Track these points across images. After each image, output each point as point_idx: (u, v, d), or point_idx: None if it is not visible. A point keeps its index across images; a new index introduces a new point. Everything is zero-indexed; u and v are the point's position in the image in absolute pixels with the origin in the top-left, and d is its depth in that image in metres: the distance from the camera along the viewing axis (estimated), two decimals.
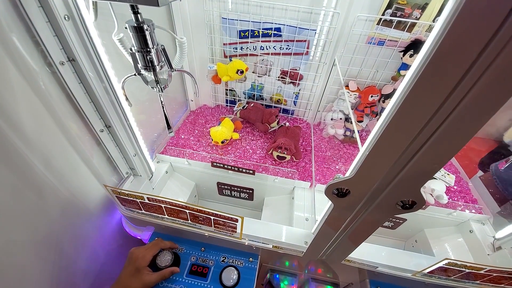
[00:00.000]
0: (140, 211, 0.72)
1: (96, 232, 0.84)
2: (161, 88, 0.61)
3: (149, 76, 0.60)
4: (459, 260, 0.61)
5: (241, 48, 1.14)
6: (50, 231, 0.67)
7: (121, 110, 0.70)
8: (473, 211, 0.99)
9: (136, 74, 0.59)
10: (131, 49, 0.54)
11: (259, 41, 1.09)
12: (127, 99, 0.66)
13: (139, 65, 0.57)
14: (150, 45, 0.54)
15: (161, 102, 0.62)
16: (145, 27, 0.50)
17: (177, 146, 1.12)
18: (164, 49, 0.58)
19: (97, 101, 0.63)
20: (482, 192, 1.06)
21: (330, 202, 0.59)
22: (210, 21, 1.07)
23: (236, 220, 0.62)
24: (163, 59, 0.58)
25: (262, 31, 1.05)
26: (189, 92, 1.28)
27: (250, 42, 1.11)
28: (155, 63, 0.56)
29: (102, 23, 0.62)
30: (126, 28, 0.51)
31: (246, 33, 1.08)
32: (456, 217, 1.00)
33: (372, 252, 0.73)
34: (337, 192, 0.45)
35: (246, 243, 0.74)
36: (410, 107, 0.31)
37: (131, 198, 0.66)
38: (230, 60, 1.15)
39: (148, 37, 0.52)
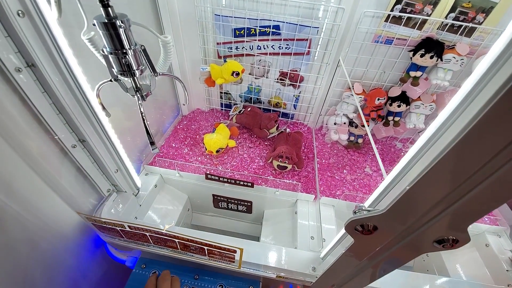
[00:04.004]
0: (121, 239, 0.62)
1: (75, 260, 0.74)
2: (142, 96, 0.51)
3: (128, 82, 0.51)
4: None
5: (237, 48, 1.04)
6: (16, 267, 0.57)
7: (97, 121, 0.60)
8: (488, 222, 0.92)
9: (112, 80, 0.50)
10: (103, 51, 0.45)
11: (256, 40, 1.00)
12: (104, 108, 0.56)
13: (115, 70, 0.47)
14: (126, 46, 0.44)
15: (141, 114, 0.52)
16: (118, 23, 0.40)
17: (168, 156, 1.02)
18: (145, 50, 0.48)
19: (66, 113, 0.53)
20: None
21: (342, 233, 0.51)
22: (201, 18, 0.97)
23: (234, 251, 0.53)
24: (143, 62, 0.48)
25: (259, 29, 0.96)
26: (180, 95, 1.18)
27: (246, 41, 1.01)
28: (134, 67, 0.47)
29: (70, 19, 0.52)
30: (94, 25, 0.41)
31: (242, 32, 0.99)
32: (471, 229, 0.92)
33: (387, 279, 0.65)
34: (362, 229, 0.36)
35: (246, 272, 0.65)
36: (485, 130, 0.22)
37: (110, 226, 0.57)
38: (225, 61, 1.05)
39: (122, 35, 0.42)
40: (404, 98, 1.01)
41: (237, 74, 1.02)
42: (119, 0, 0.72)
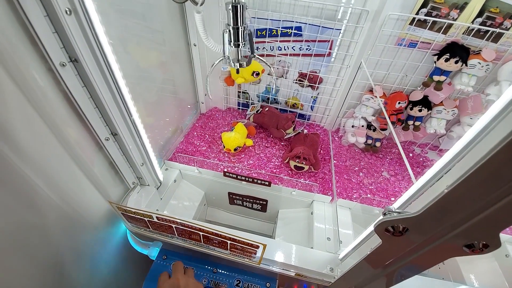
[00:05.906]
0: (147, 229, 0.65)
1: (100, 247, 0.77)
2: (241, 65, 0.67)
3: (233, 54, 0.66)
4: None
5: (257, 48, 1.06)
6: (50, 251, 0.60)
7: (129, 115, 0.62)
8: (510, 232, 0.90)
9: (224, 56, 0.65)
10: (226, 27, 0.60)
11: (277, 40, 1.01)
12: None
13: (232, 42, 0.62)
14: (243, 23, 0.59)
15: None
16: (240, 6, 0.56)
17: (187, 152, 1.05)
18: (250, 33, 0.64)
19: (103, 107, 0.56)
20: None
21: (366, 233, 0.51)
22: (224, 19, 0.99)
23: (257, 247, 0.55)
24: (246, 39, 0.63)
25: (281, 30, 0.97)
26: (200, 93, 1.20)
27: (267, 42, 1.02)
28: (242, 39, 0.62)
29: (110, 18, 0.55)
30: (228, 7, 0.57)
31: (263, 32, 1.00)
32: None
33: (403, 283, 0.65)
34: (393, 231, 0.36)
35: (265, 268, 0.66)
36: None
37: (138, 216, 0.59)
38: None
39: (241, 15, 0.58)
40: (425, 103, 1.00)
41: (257, 74, 1.03)
42: (151, 11, 0.76)
